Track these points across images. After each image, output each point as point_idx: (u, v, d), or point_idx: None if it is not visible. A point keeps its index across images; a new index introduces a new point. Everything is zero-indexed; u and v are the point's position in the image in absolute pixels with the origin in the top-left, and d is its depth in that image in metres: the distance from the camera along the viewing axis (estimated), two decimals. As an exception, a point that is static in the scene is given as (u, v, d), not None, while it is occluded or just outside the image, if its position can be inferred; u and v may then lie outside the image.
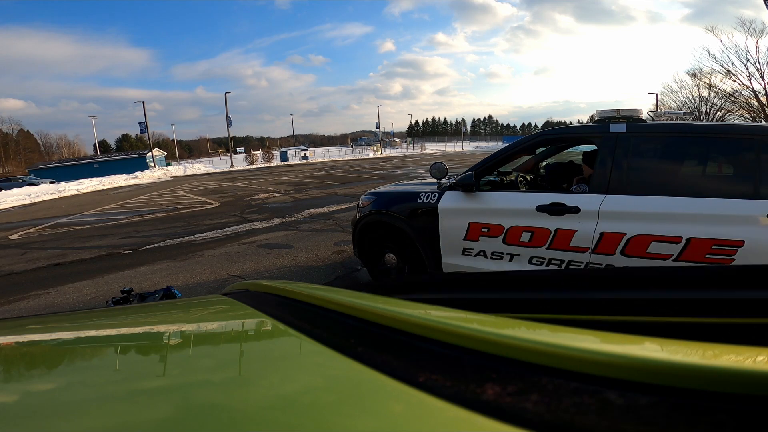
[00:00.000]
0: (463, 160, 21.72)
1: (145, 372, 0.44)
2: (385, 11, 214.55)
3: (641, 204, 2.24)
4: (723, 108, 24.28)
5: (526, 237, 2.58)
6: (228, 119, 36.19)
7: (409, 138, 77.13)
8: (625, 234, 2.24)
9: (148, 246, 5.91)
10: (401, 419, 0.27)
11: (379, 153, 42.14)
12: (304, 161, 34.13)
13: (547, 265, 2.54)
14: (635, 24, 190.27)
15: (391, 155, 37.42)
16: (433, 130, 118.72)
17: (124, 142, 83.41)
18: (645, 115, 2.67)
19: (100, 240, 6.72)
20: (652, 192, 2.25)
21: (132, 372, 0.44)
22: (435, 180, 3.05)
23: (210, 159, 50.79)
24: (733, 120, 23.18)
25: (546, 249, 2.51)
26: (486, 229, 2.73)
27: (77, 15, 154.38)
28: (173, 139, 75.88)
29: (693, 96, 25.50)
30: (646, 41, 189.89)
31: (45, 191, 19.21)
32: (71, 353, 0.55)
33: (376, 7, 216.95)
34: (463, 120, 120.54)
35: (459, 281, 0.78)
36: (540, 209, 2.52)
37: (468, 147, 53.97)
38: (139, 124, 32.70)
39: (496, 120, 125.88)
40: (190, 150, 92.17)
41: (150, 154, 34.91)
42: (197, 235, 6.36)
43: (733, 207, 2.05)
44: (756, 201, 2.01)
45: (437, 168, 2.96)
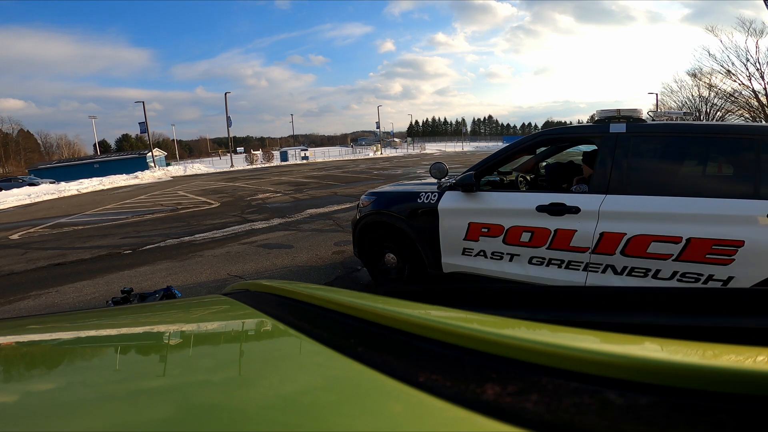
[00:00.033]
0: (463, 160, 21.71)
1: (146, 372, 0.44)
2: (385, 11, 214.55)
3: (641, 204, 2.24)
4: (723, 108, 24.29)
5: (526, 237, 2.58)
6: (228, 119, 36.20)
7: (409, 138, 77.08)
8: (625, 234, 2.24)
9: (148, 246, 5.91)
10: (401, 419, 0.27)
11: (379, 153, 42.13)
12: (304, 161, 34.12)
13: (547, 265, 2.54)
14: (635, 24, 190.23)
15: (391, 155, 37.41)
16: (433, 130, 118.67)
17: (124, 142, 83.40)
18: (645, 115, 2.67)
19: (100, 240, 6.72)
20: (652, 192, 2.25)
21: (132, 372, 0.44)
22: (435, 180, 3.06)
23: (210, 159, 50.73)
24: (733, 120, 23.18)
25: (546, 249, 2.52)
26: (486, 229, 2.74)
27: (77, 15, 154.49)
28: (173, 139, 75.94)
29: (693, 96, 25.54)
30: (646, 41, 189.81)
31: (45, 191, 19.21)
32: (71, 353, 0.55)
33: (376, 7, 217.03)
34: (463, 120, 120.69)
35: (458, 295, 0.77)
36: (540, 209, 2.52)
37: (468, 147, 53.96)
38: (139, 124, 32.69)
39: (496, 120, 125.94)
40: (190, 150, 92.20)
41: (150, 154, 34.90)
42: (197, 235, 6.36)
43: (733, 207, 2.05)
44: (756, 201, 2.01)
45: (437, 168, 2.96)
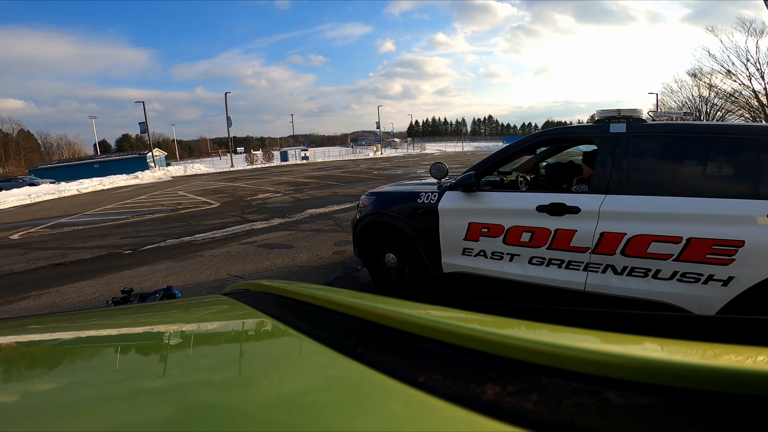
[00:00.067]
0: (464, 160, 21.71)
1: (146, 372, 0.44)
2: (385, 11, 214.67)
3: (641, 204, 2.24)
4: (723, 108, 24.29)
5: (526, 237, 2.58)
6: (228, 119, 36.20)
7: (410, 138, 77.07)
8: (626, 234, 2.24)
9: (148, 246, 5.91)
10: (401, 419, 0.27)
11: (380, 153, 42.11)
12: (304, 161, 34.12)
13: (547, 266, 2.54)
14: (635, 24, 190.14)
15: (391, 155, 37.40)
16: (434, 130, 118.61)
17: (124, 142, 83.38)
18: (645, 115, 2.67)
19: (100, 240, 6.72)
20: (652, 192, 2.25)
21: (132, 372, 0.44)
22: (435, 180, 3.06)
23: (210, 159, 50.72)
24: (734, 120, 23.17)
25: (546, 249, 2.51)
26: (486, 229, 2.74)
27: (77, 15, 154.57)
28: (173, 139, 75.94)
29: (693, 96, 25.54)
30: (646, 41, 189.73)
31: (45, 191, 19.21)
32: (71, 353, 0.55)
33: (376, 7, 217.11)
34: (464, 120, 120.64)
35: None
36: (540, 209, 2.52)
37: (468, 147, 53.95)
38: (140, 124, 32.68)
39: (496, 120, 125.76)
40: (190, 150, 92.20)
41: (150, 154, 34.89)
42: (197, 235, 6.36)
43: (734, 207, 2.05)
44: (756, 201, 2.01)
45: (437, 168, 2.96)
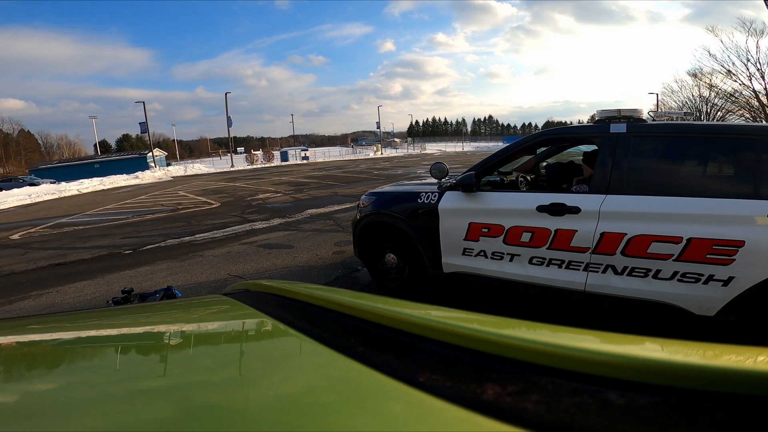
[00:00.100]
0: (464, 160, 21.70)
1: (146, 372, 0.44)
2: (385, 11, 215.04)
3: (642, 204, 2.24)
4: (723, 108, 24.29)
5: (526, 237, 2.58)
6: (228, 119, 36.20)
7: (410, 138, 77.09)
8: (626, 234, 2.24)
9: (148, 246, 5.91)
10: (401, 419, 0.27)
11: (380, 153, 42.10)
12: (304, 161, 34.12)
13: (548, 266, 2.54)
14: (635, 24, 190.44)
15: (392, 155, 37.40)
16: (434, 130, 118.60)
17: (124, 142, 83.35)
18: (645, 115, 2.67)
19: (100, 240, 6.72)
20: (652, 192, 2.25)
21: (132, 372, 0.44)
22: (435, 180, 3.06)
23: (210, 159, 50.74)
24: (734, 120, 23.16)
25: (546, 249, 2.51)
26: (486, 229, 2.73)
27: (77, 15, 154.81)
28: (174, 139, 75.96)
29: (693, 96, 25.56)
30: (646, 41, 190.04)
31: (45, 191, 19.21)
32: (71, 353, 0.55)
33: (376, 7, 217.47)
34: (464, 120, 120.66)
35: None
36: (540, 209, 2.52)
37: (468, 147, 53.95)
38: (140, 124, 32.68)
39: (496, 120, 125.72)
40: (190, 150, 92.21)
41: (150, 154, 34.89)
42: (198, 235, 6.36)
43: (734, 207, 2.05)
44: (756, 201, 2.01)
45: (437, 168, 2.96)
